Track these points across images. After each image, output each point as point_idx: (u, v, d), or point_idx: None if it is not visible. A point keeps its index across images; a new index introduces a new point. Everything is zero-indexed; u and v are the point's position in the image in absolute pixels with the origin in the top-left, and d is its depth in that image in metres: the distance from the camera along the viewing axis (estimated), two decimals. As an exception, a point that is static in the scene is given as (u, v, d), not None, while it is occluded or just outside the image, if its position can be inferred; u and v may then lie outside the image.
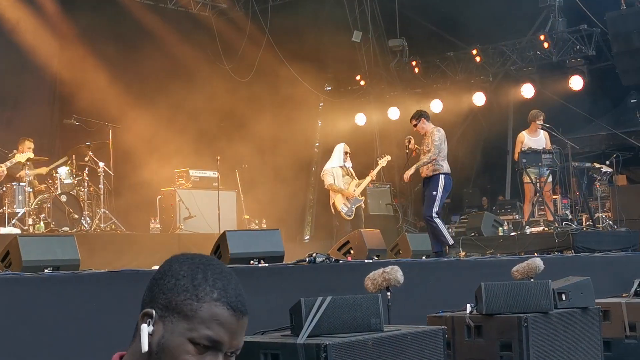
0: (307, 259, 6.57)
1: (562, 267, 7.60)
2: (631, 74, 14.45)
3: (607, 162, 12.91)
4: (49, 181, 11.43)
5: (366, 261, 7.47)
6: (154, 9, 15.60)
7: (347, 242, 8.47)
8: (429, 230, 9.68)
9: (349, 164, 11.44)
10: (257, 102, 15.91)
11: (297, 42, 15.64)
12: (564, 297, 5.28)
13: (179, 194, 13.09)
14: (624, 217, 12.26)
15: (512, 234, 11.47)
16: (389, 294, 4.84)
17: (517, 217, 13.66)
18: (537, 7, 14.88)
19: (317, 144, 18.00)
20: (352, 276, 6.17)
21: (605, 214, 12.67)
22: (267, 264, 6.28)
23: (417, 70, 16.71)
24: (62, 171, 11.55)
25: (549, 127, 11.55)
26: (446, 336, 4.47)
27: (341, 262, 7.24)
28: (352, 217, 11.16)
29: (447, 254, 9.14)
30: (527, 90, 15.36)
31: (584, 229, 11.14)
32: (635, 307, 6.33)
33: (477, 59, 15.86)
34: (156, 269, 1.72)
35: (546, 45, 14.87)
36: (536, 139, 11.57)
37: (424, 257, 8.75)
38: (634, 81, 14.66)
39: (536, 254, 8.31)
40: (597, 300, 5.73)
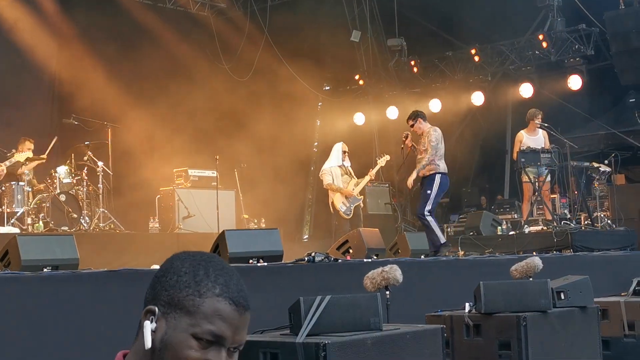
0: (306, 258, 6.57)
1: (560, 266, 7.61)
2: (630, 73, 14.44)
3: (606, 162, 12.91)
4: (48, 181, 11.44)
5: (365, 260, 7.48)
6: (152, 8, 15.59)
7: (346, 241, 8.47)
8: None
9: (348, 163, 11.43)
10: (256, 101, 15.90)
11: (296, 41, 15.65)
12: (562, 296, 5.29)
13: (178, 194, 13.09)
14: (622, 216, 12.26)
15: (511, 233, 11.48)
16: (387, 293, 4.85)
17: (515, 217, 13.65)
18: (536, 7, 14.87)
19: (316, 143, 17.99)
20: (351, 275, 6.18)
21: (603, 213, 12.68)
22: (266, 263, 6.28)
23: (415, 69, 16.70)
24: (61, 171, 11.56)
25: (548, 126, 11.55)
26: (445, 335, 4.47)
27: (340, 261, 7.25)
28: (350, 216, 11.17)
29: (439, 252, 9.13)
30: (526, 89, 15.36)
31: (583, 228, 11.15)
32: (633, 306, 6.34)
33: (476, 58, 15.86)
34: (155, 268, 1.73)
35: (545, 44, 14.87)
36: (535, 138, 11.57)
37: (422, 256, 8.75)
38: (633, 81, 14.66)
39: (535, 253, 8.34)
40: (596, 299, 5.73)
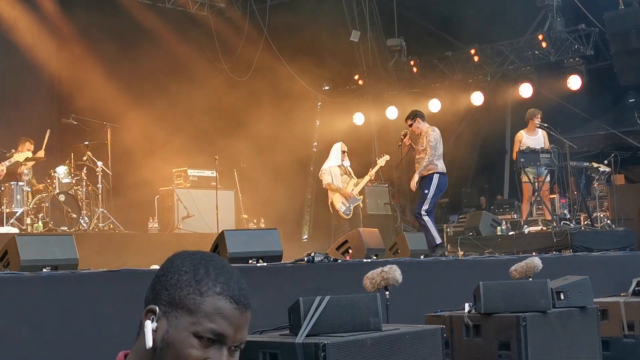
0: (305, 259, 6.56)
1: (560, 267, 7.61)
2: (629, 73, 14.44)
3: (605, 162, 12.91)
4: (48, 181, 11.43)
5: (365, 260, 7.48)
6: (152, 8, 15.59)
7: (346, 242, 8.46)
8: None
9: (347, 163, 11.42)
10: (256, 101, 15.89)
11: (295, 41, 15.64)
12: (562, 296, 5.28)
13: (177, 194, 13.09)
14: (622, 216, 12.26)
15: (511, 234, 11.46)
16: (387, 293, 4.85)
17: (515, 217, 13.65)
18: (535, 7, 14.86)
19: (316, 143, 17.97)
20: (350, 275, 6.18)
21: (603, 213, 12.68)
22: (265, 264, 6.28)
23: (415, 69, 16.70)
24: (61, 171, 11.56)
25: (547, 126, 11.55)
26: (444, 335, 4.47)
27: (340, 261, 7.25)
28: (350, 217, 11.17)
29: (433, 253, 9.13)
30: (525, 89, 15.36)
31: (582, 229, 11.14)
32: (633, 306, 6.34)
33: (475, 58, 15.85)
34: (155, 268, 1.73)
35: (544, 44, 14.86)
36: (534, 138, 11.56)
37: (422, 257, 8.75)
38: (632, 81, 14.65)
39: (534, 253, 8.33)
40: (596, 299, 5.73)
